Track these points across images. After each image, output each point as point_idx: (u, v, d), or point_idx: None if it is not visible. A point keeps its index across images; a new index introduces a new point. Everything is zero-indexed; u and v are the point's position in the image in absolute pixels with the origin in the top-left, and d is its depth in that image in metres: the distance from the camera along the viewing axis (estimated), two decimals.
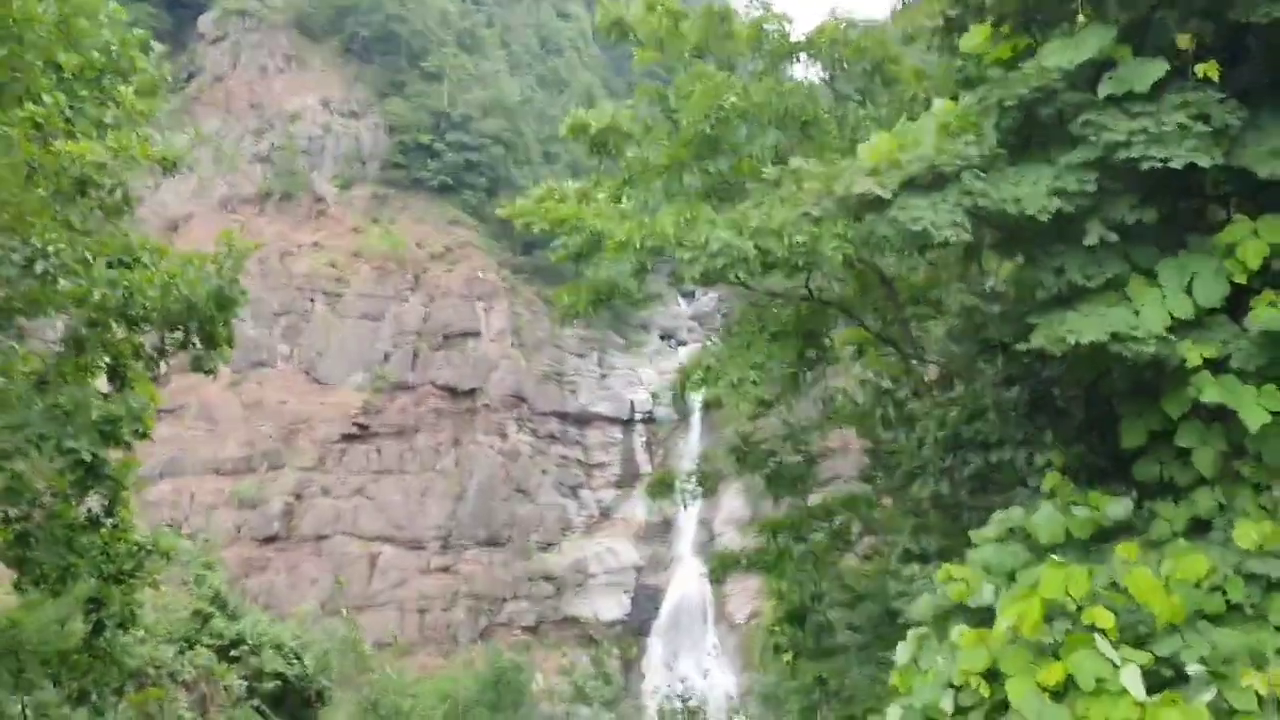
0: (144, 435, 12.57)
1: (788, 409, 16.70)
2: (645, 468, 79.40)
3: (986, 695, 7.75)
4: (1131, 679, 6.98)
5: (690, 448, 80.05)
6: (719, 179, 14.30)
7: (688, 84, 14.19)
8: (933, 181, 7.63)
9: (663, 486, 16.69)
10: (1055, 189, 7.86)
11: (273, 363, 70.97)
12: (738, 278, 13.03)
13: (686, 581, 75.71)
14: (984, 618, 8.41)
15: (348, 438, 69.57)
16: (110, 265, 11.13)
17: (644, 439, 79.64)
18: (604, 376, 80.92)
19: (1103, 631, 7.36)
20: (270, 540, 64.30)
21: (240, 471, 65.97)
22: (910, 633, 8.62)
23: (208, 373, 12.83)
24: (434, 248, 77.03)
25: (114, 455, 12.90)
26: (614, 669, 67.10)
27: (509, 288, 77.43)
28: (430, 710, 20.79)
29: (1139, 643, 7.47)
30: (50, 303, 10.54)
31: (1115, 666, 7.12)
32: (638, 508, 78.11)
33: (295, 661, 20.09)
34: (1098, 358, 8.00)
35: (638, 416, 79.43)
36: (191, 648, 19.87)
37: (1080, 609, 7.57)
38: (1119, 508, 8.63)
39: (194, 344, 13.13)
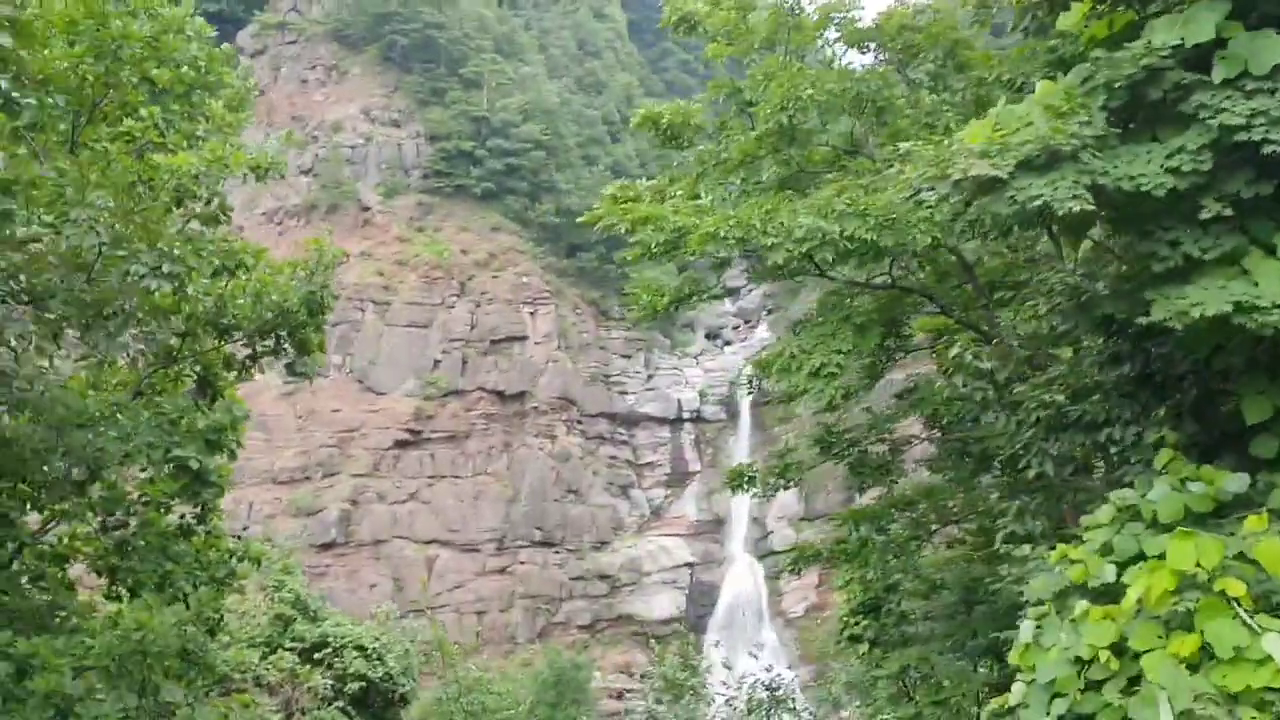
0: (240, 444, 12.79)
1: (866, 397, 16.66)
2: (694, 466, 79.48)
3: (1115, 669, 7.71)
4: (1274, 645, 6.90)
5: (740, 445, 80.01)
6: (795, 169, 14.29)
7: (760, 75, 14.20)
8: (1048, 161, 7.60)
9: (743, 478, 16.69)
10: (1169, 167, 7.79)
11: (325, 372, 71.83)
12: (821, 264, 13.07)
13: (741, 578, 75.75)
14: (1104, 597, 8.36)
15: (401, 444, 70.27)
16: (213, 274, 11.35)
17: (692, 438, 79.64)
18: (651, 377, 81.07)
19: (1237, 600, 7.30)
20: (328, 547, 65.05)
21: (297, 480, 66.83)
22: (1030, 611, 8.57)
23: (303, 376, 13.03)
24: (478, 254, 77.56)
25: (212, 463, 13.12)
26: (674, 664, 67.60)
27: (554, 291, 77.78)
28: (511, 709, 21.00)
29: (1272, 613, 7.40)
30: (175, 310, 10.76)
31: (1255, 634, 7.05)
32: (689, 506, 78.22)
33: (378, 663, 20.34)
34: (1216, 331, 7.91)
35: (685, 416, 79.45)
36: (274, 652, 20.16)
37: (1211, 580, 7.51)
38: (1236, 482, 8.52)
39: (285, 351, 13.32)
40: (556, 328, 76.26)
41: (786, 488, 16.43)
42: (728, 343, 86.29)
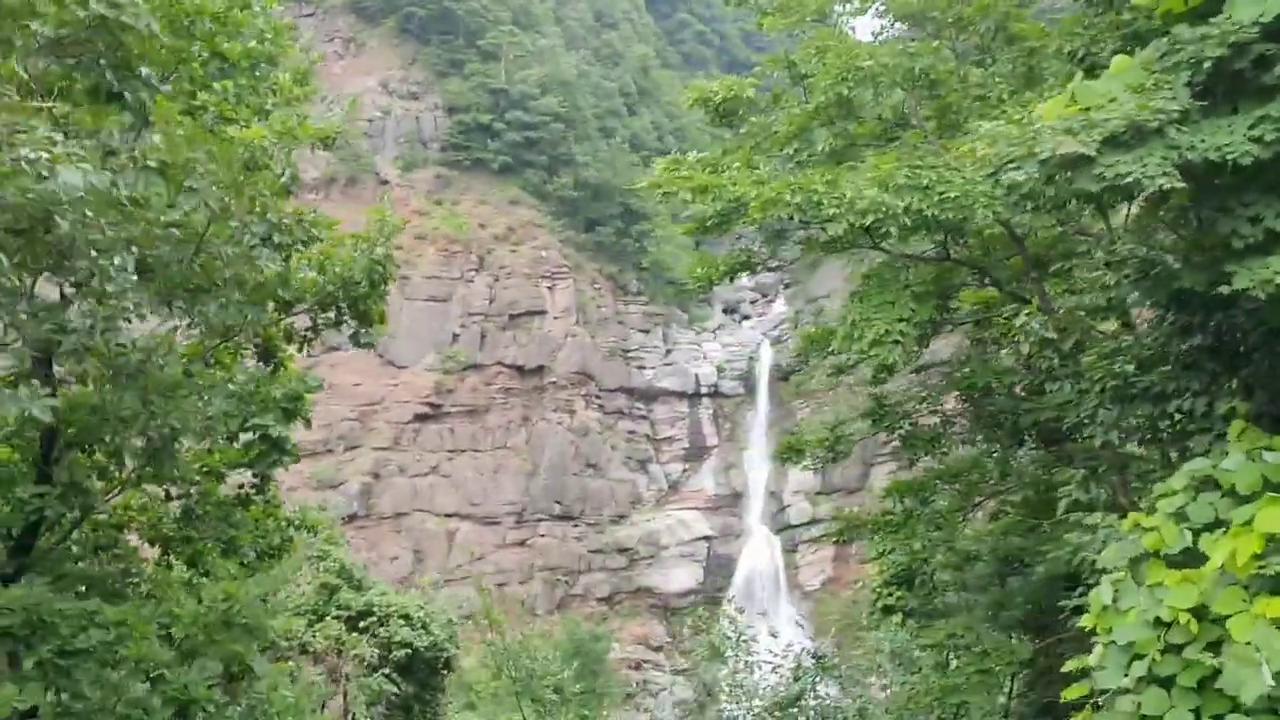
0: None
1: (907, 371, 16.80)
2: (712, 441, 79.75)
3: (1196, 632, 7.87)
4: None
5: (758, 420, 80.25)
6: (848, 141, 14.37)
7: (814, 48, 14.25)
8: (1134, 137, 7.70)
9: (794, 451, 16.87)
10: (1252, 137, 7.88)
11: (345, 346, 72.07)
12: (881, 236, 13.20)
13: (758, 551, 76.21)
14: (1178, 564, 8.52)
15: (421, 418, 70.67)
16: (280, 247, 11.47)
17: (710, 412, 79.83)
18: (669, 352, 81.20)
19: None
20: (350, 519, 65.50)
21: (319, 453, 67.21)
22: (1106, 577, 8.73)
23: (365, 346, 13.20)
24: (497, 228, 77.64)
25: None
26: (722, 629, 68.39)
27: (572, 266, 77.85)
28: (557, 674, 21.37)
29: None
30: (284, 285, 10.90)
31: None
32: (706, 480, 78.56)
33: (423, 631, 20.66)
34: None
35: (703, 390, 79.62)
36: (320, 620, 20.48)
37: None
38: None
39: (347, 322, 13.47)
40: (575, 302, 76.37)
41: (835, 460, 16.59)
42: (745, 317, 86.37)
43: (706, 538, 75.08)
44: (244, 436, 12.79)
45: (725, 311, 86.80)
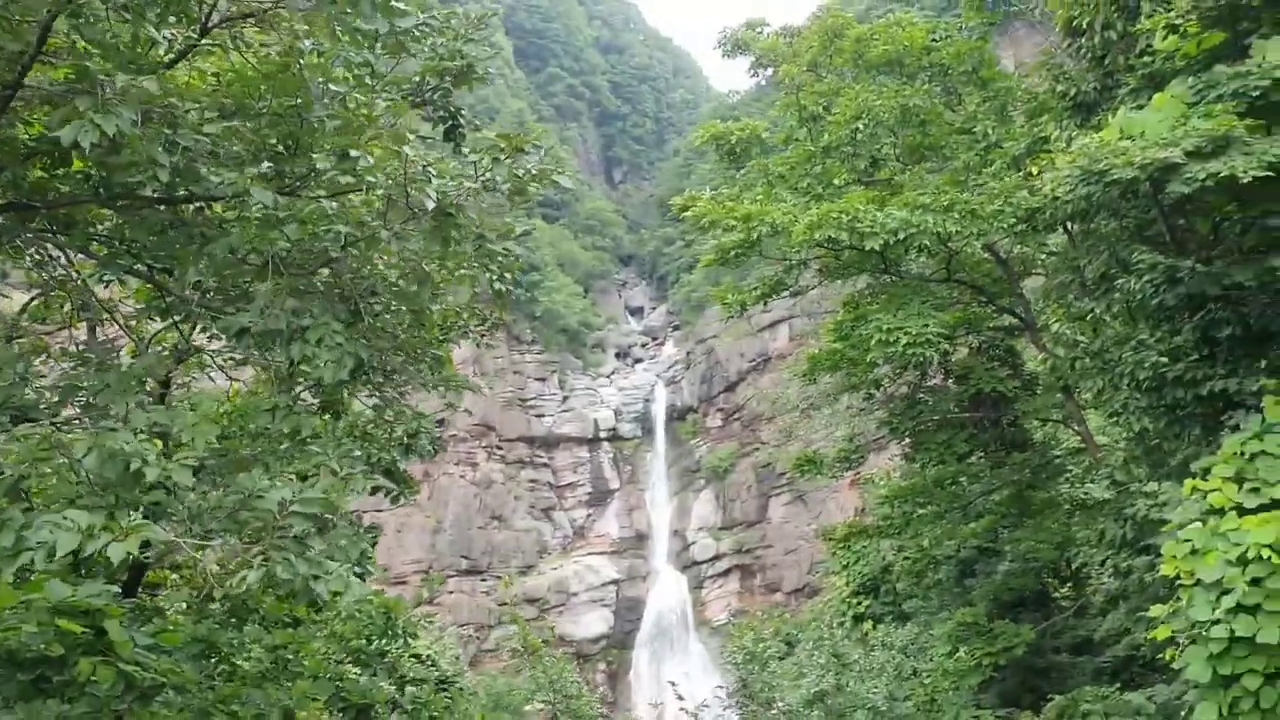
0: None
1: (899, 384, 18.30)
2: (614, 484, 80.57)
3: (1277, 564, 9.33)
4: None
5: (658, 461, 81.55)
6: (856, 176, 15.85)
7: (823, 91, 15.72)
8: (1214, 149, 9.26)
9: (810, 464, 18.07)
10: None
11: None
12: (894, 260, 14.66)
13: (665, 591, 77.07)
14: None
15: None
16: None
17: (610, 456, 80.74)
18: (565, 399, 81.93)
19: None
20: None
21: None
22: (1185, 530, 10.11)
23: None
24: None
25: None
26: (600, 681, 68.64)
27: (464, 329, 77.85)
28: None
29: None
30: None
31: None
32: (610, 524, 79.21)
33: (432, 667, 20.80)
34: None
35: (602, 435, 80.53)
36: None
37: None
38: None
39: None
40: (471, 354, 76.35)
41: (852, 469, 17.88)
42: (638, 360, 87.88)
43: (614, 581, 75.62)
44: None
45: (618, 356, 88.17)
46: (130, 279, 9.63)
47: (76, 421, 6.97)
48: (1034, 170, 11.08)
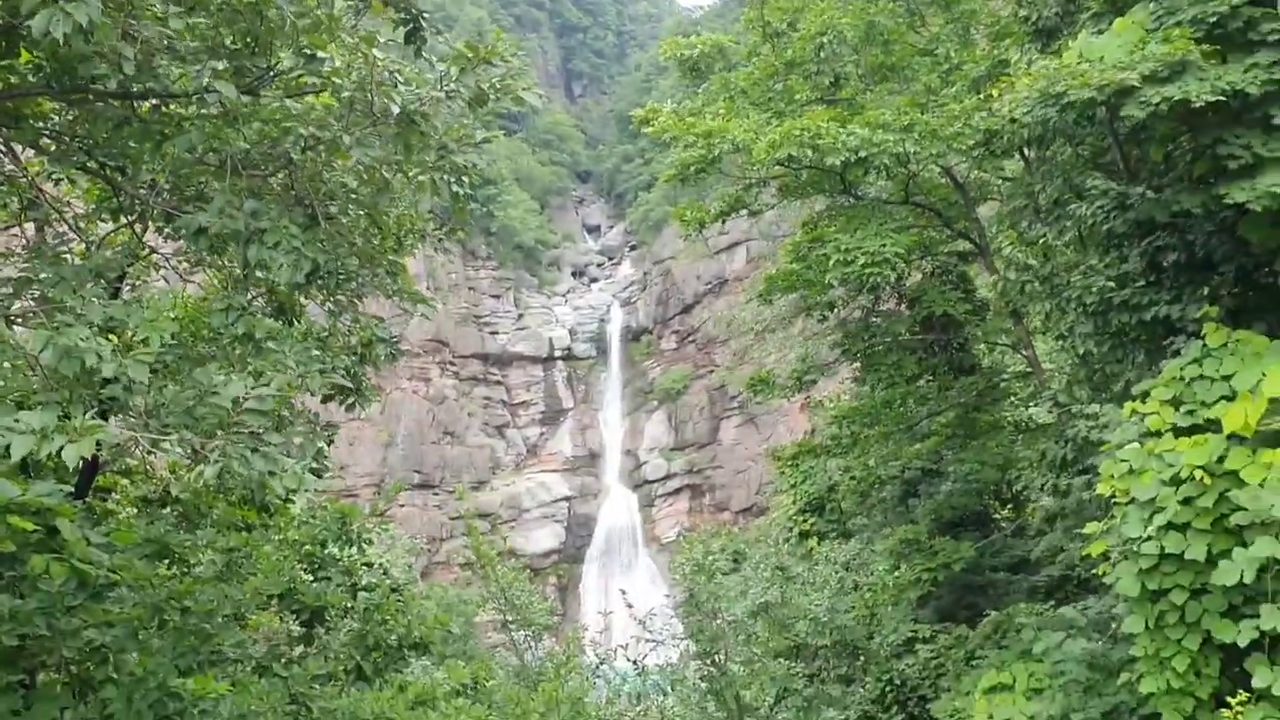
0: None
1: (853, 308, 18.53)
2: (568, 404, 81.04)
3: (1209, 484, 9.70)
4: None
5: (612, 382, 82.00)
6: (821, 93, 15.80)
7: (788, 7, 15.57)
8: (1170, 73, 9.37)
9: (763, 384, 18.30)
10: (1246, 80, 9.70)
11: None
12: (862, 176, 14.72)
13: (616, 509, 78.26)
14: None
15: None
16: None
17: (564, 375, 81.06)
18: (520, 316, 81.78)
19: None
20: None
21: None
22: (1122, 451, 10.46)
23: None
24: None
25: None
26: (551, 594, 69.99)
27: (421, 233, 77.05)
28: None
29: None
30: None
31: None
32: (564, 442, 79.86)
33: (384, 576, 21.03)
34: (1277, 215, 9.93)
35: (557, 354, 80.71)
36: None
37: None
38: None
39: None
40: (425, 268, 75.74)
41: (803, 390, 18.14)
42: (594, 280, 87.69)
43: (566, 498, 76.51)
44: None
45: (574, 275, 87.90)
46: (81, 177, 9.48)
47: (32, 315, 6.88)
48: (994, 93, 11.15)
